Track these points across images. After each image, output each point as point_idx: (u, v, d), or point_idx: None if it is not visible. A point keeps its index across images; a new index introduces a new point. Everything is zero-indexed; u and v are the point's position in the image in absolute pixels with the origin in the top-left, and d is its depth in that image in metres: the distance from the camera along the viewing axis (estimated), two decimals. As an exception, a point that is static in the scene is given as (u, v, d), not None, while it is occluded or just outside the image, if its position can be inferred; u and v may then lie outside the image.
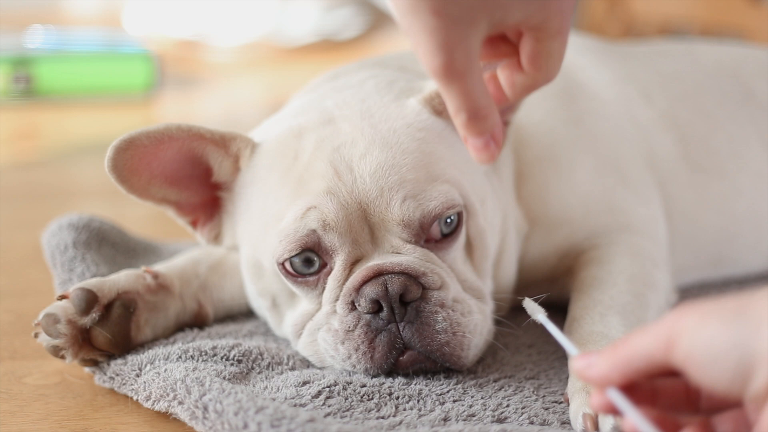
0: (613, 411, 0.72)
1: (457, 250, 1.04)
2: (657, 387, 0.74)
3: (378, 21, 4.09)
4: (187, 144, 1.07)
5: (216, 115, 2.77)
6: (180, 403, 0.93)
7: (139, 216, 1.67)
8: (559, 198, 1.21)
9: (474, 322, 1.01)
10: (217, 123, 2.63)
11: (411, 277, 0.98)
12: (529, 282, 1.20)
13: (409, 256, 1.00)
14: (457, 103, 0.85)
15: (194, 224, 1.16)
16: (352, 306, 0.99)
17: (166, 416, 0.96)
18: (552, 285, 1.20)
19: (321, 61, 3.30)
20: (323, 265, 1.02)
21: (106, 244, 1.29)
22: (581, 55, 1.36)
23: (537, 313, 0.88)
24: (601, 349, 0.73)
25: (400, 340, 0.98)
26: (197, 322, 1.15)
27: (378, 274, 0.98)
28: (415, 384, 0.98)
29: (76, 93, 2.72)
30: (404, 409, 0.94)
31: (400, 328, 0.98)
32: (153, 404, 0.96)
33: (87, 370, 1.06)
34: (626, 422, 0.72)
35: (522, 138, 1.21)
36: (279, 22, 3.70)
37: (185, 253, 1.22)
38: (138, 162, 1.05)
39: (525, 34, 0.86)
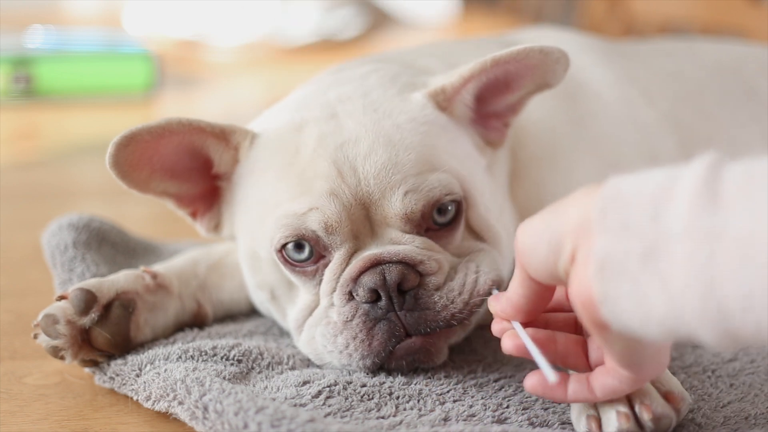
0: (502, 333, 0.89)
1: (456, 241, 1.04)
2: (548, 319, 0.90)
3: (378, 21, 4.09)
4: (188, 138, 1.07)
5: (216, 115, 2.77)
6: (180, 403, 0.93)
7: (139, 216, 1.67)
8: (557, 198, 1.20)
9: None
10: (217, 123, 2.62)
11: (409, 265, 0.98)
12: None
13: (408, 245, 1.00)
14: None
15: (194, 215, 1.15)
16: (350, 296, 0.99)
17: (166, 416, 0.96)
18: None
19: (321, 61, 3.29)
20: (321, 257, 1.02)
21: (106, 244, 1.29)
22: (584, 54, 1.36)
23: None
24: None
25: (401, 328, 0.98)
26: (196, 322, 1.15)
27: (376, 264, 0.98)
28: (415, 384, 0.98)
29: (76, 93, 2.72)
30: (404, 409, 0.94)
31: (401, 317, 0.98)
32: (153, 404, 0.96)
33: (87, 370, 1.06)
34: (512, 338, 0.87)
35: (519, 138, 1.21)
36: (279, 22, 3.70)
37: (185, 253, 1.22)
38: (139, 157, 1.05)
39: None
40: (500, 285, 1.02)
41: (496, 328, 0.91)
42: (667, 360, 0.82)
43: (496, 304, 0.90)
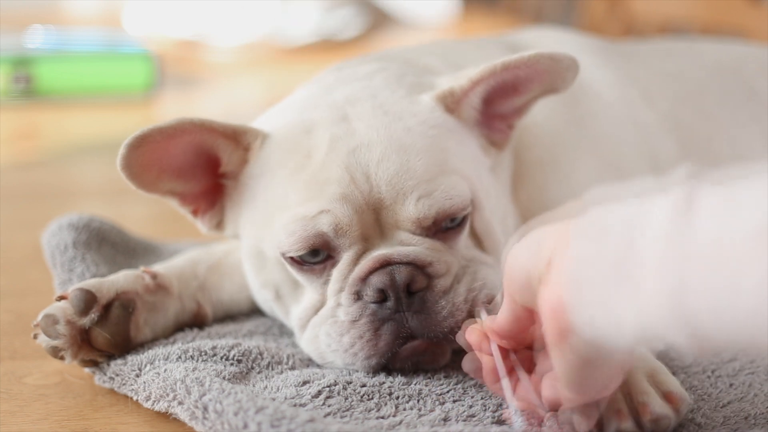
0: (470, 348, 0.90)
1: (461, 241, 1.05)
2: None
3: (378, 21, 4.09)
4: (198, 137, 1.07)
5: (216, 115, 2.75)
6: (180, 403, 0.93)
7: (139, 216, 1.67)
8: (559, 200, 1.21)
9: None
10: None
11: (417, 267, 0.99)
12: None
13: (417, 246, 1.00)
14: None
15: (195, 213, 1.14)
16: (357, 296, 1.00)
17: (166, 416, 0.96)
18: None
19: (321, 61, 3.29)
20: (329, 257, 1.02)
21: (106, 244, 1.29)
22: (584, 55, 1.36)
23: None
24: None
25: (406, 329, 0.98)
26: (196, 322, 1.15)
27: (385, 264, 0.99)
28: (415, 384, 0.98)
29: (76, 93, 2.72)
30: (404, 409, 0.94)
31: (407, 318, 0.98)
32: (153, 404, 0.96)
33: (87, 370, 1.06)
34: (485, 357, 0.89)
35: (522, 140, 1.21)
36: (279, 22, 3.70)
37: (185, 254, 1.21)
38: (149, 158, 1.05)
39: None
40: (494, 304, 1.01)
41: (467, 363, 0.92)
42: (615, 387, 0.81)
43: (473, 333, 0.90)
